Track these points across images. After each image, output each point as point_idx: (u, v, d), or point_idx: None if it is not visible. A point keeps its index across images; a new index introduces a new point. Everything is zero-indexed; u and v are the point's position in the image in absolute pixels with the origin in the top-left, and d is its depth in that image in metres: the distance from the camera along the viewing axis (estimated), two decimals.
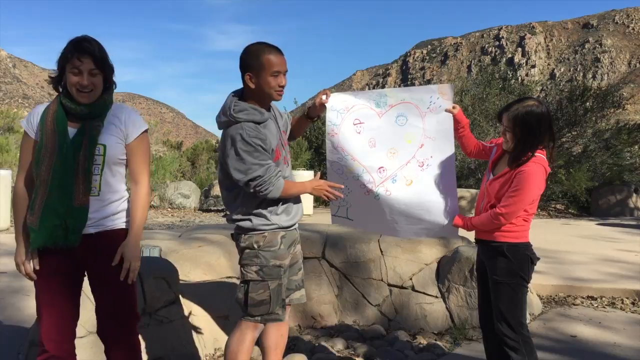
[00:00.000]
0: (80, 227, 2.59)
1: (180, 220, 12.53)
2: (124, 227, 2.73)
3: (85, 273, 2.76)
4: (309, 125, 3.49)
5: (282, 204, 3.04)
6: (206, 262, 4.35)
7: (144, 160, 2.77)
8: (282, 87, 2.94)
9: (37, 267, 2.66)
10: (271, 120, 3.01)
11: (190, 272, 4.20)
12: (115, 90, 2.81)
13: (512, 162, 3.07)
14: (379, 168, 3.31)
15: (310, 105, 3.35)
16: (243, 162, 2.85)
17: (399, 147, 3.37)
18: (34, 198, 2.62)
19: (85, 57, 2.56)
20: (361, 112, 3.37)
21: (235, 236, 3.10)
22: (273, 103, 3.11)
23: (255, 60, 2.88)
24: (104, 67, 2.64)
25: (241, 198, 2.99)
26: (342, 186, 3.16)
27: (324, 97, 3.29)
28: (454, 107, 3.42)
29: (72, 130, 2.62)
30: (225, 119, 2.93)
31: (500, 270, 3.08)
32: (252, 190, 2.90)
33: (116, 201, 2.72)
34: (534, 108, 3.04)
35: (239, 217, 3.01)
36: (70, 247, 2.59)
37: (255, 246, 2.98)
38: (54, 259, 2.63)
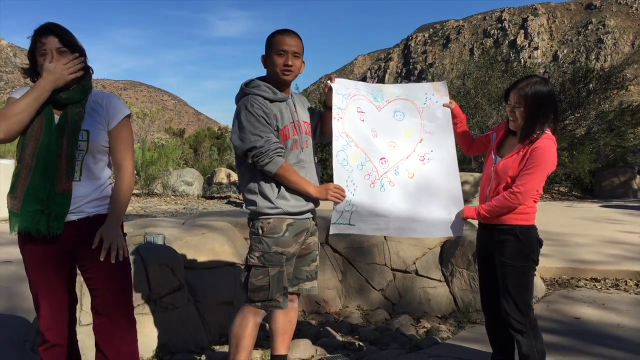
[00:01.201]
0: (62, 214, 2.58)
1: (184, 208, 12.56)
2: (107, 213, 2.71)
3: (77, 263, 2.75)
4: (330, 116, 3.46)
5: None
6: (210, 249, 4.36)
7: (127, 145, 2.76)
8: (288, 66, 2.99)
9: (23, 257, 2.66)
10: (285, 102, 3.06)
11: (195, 259, 4.21)
12: (115, 78, 2.81)
13: (524, 137, 3.06)
14: (381, 159, 3.30)
15: (325, 99, 3.35)
16: (243, 131, 2.90)
17: (398, 141, 3.37)
18: (15, 181, 2.60)
19: (48, 37, 2.58)
20: (362, 102, 3.37)
21: (248, 221, 3.14)
22: (300, 95, 3.22)
23: (267, 42, 3.03)
24: (72, 46, 2.63)
25: (249, 174, 3.03)
26: (345, 193, 3.12)
27: (328, 81, 3.30)
28: (450, 102, 3.45)
29: (56, 117, 2.61)
30: (239, 93, 3.05)
31: (512, 252, 3.07)
32: (250, 161, 2.93)
33: (99, 187, 2.70)
34: (542, 85, 3.07)
35: (247, 196, 3.04)
36: (53, 235, 2.57)
37: (260, 231, 3.01)
38: (41, 249, 2.61)
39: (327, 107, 3.32)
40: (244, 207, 3.18)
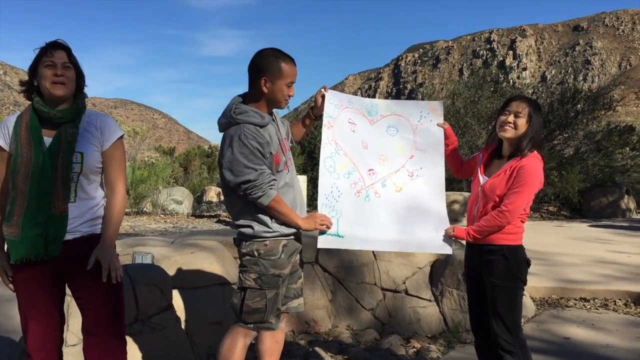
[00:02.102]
0: (60, 236, 2.58)
1: (173, 227, 12.49)
2: (100, 233, 2.71)
3: (67, 281, 2.73)
4: (311, 125, 3.48)
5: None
6: (199, 268, 4.33)
7: (120, 166, 2.77)
8: (290, 97, 3.02)
9: (14, 279, 2.65)
10: (272, 124, 3.01)
11: (183, 278, 4.19)
12: (106, 97, 2.83)
13: (516, 152, 3.10)
14: (369, 170, 3.34)
15: (313, 105, 3.39)
16: (236, 164, 2.85)
17: (389, 155, 3.39)
18: (11, 210, 2.59)
19: (58, 51, 2.62)
20: (354, 114, 3.40)
21: (237, 241, 3.09)
22: (274, 110, 3.15)
23: (274, 66, 2.92)
24: (76, 65, 2.68)
25: (240, 203, 2.98)
26: (331, 222, 3.12)
27: (322, 89, 3.34)
28: (444, 123, 3.49)
29: (47, 140, 2.61)
30: (225, 120, 2.95)
31: (500, 273, 3.07)
32: (241, 193, 2.90)
33: (93, 208, 2.70)
34: (540, 110, 3.21)
35: (241, 222, 3.00)
36: (51, 257, 2.57)
37: (256, 254, 2.96)
38: (34, 270, 2.60)
39: (314, 115, 3.36)
40: (232, 228, 3.16)
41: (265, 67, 2.92)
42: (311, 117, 3.41)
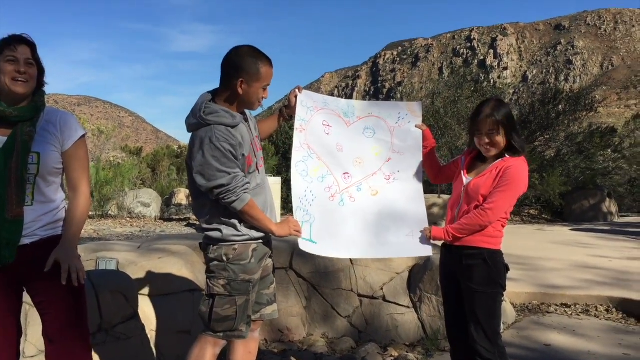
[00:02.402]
0: (14, 242, 2.52)
1: (140, 230, 12.35)
2: (60, 234, 2.66)
3: (25, 286, 2.68)
4: (280, 124, 3.49)
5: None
6: (167, 274, 4.28)
7: (82, 167, 2.73)
8: (264, 99, 3.01)
9: None
10: (243, 124, 2.98)
11: (150, 285, 4.14)
12: (69, 93, 2.77)
13: (503, 155, 3.12)
14: (344, 173, 3.36)
15: (286, 103, 3.39)
16: (208, 168, 2.80)
17: (365, 158, 3.42)
18: None
19: (21, 46, 2.57)
20: (329, 116, 3.42)
21: (203, 246, 3.05)
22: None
23: (252, 67, 2.87)
24: (38, 62, 2.63)
25: (210, 206, 2.95)
26: (301, 233, 3.13)
27: (296, 90, 3.34)
28: (422, 125, 3.52)
29: (2, 139, 2.55)
30: (195, 121, 2.89)
31: (480, 278, 3.09)
32: (214, 198, 2.87)
33: (52, 211, 2.65)
34: (505, 106, 3.16)
35: (208, 226, 2.97)
36: (4, 264, 2.51)
37: (224, 259, 2.93)
38: None
39: (287, 115, 3.38)
40: (198, 232, 3.12)
41: (243, 67, 2.87)
42: (285, 117, 3.42)
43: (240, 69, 2.87)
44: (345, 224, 3.27)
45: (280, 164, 17.65)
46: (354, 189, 3.34)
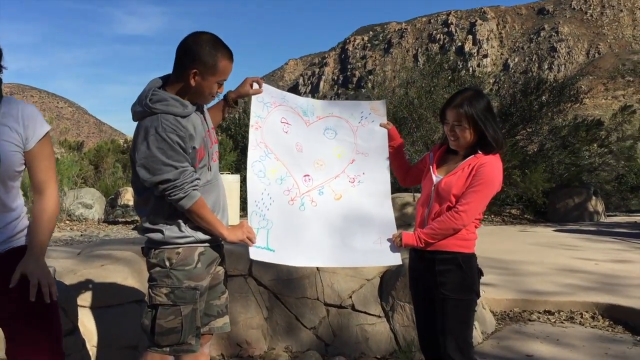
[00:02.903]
0: None
1: (81, 235, 12.18)
2: (25, 244, 2.59)
3: None
4: (225, 115, 3.44)
5: None
6: (111, 283, 4.24)
7: (49, 166, 2.64)
8: (218, 94, 3.00)
9: None
10: (196, 115, 2.95)
11: (92, 296, 4.09)
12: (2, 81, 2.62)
13: (475, 151, 3.16)
14: (305, 176, 3.37)
15: (232, 90, 3.37)
16: (153, 160, 2.75)
17: (327, 160, 3.45)
18: None
19: None
20: (288, 113, 3.43)
21: (145, 250, 3.01)
22: None
23: (208, 60, 2.84)
24: None
25: (153, 202, 2.90)
26: (254, 241, 3.10)
27: (255, 85, 3.32)
28: (387, 124, 3.56)
29: None
30: (140, 109, 2.84)
31: (454, 284, 3.13)
32: (158, 194, 2.83)
33: (12, 222, 2.58)
34: (480, 98, 3.18)
35: (150, 225, 2.92)
36: None
37: (167, 264, 2.89)
38: None
39: (231, 100, 3.33)
40: (139, 233, 3.08)
41: (199, 57, 2.84)
42: (230, 104, 3.36)
43: (196, 58, 2.84)
44: (306, 230, 3.27)
45: (239, 159, 17.56)
46: (316, 193, 3.35)
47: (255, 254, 3.13)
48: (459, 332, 3.13)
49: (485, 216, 16.04)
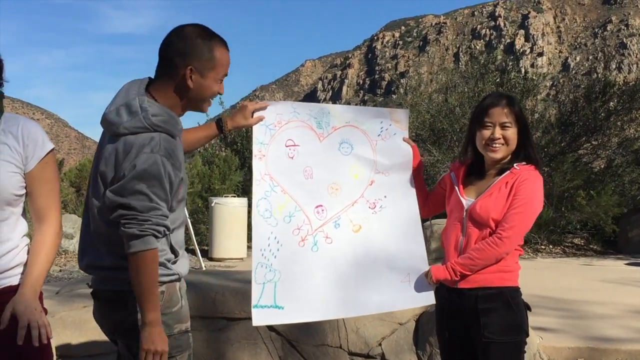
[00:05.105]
0: None
1: (60, 270, 12.26)
2: (19, 283, 2.63)
3: None
4: (209, 139, 3.44)
5: (181, 240, 2.90)
6: (95, 327, 4.26)
7: (51, 191, 2.70)
8: (219, 96, 2.99)
9: None
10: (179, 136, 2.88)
11: (72, 344, 4.11)
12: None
13: (510, 164, 3.19)
14: (317, 207, 3.36)
15: (228, 116, 3.35)
16: (131, 181, 2.59)
17: (342, 183, 3.44)
18: None
19: None
20: (297, 131, 3.42)
21: (114, 295, 2.80)
22: None
23: (203, 51, 2.79)
24: None
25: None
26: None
27: (257, 112, 3.32)
28: (408, 139, 3.57)
29: None
30: (140, 125, 2.67)
31: (500, 325, 3.12)
32: (112, 219, 2.64)
33: (7, 254, 2.62)
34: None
35: (120, 262, 2.70)
36: None
37: None
38: None
39: (226, 127, 3.30)
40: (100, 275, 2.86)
41: (191, 51, 2.78)
42: (224, 130, 3.33)
43: (188, 53, 2.77)
44: (320, 276, 3.27)
45: (247, 180, 17.55)
46: (331, 226, 3.35)
47: (259, 317, 3.13)
48: None
49: (542, 247, 15.90)
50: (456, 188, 3.32)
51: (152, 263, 2.63)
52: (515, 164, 3.18)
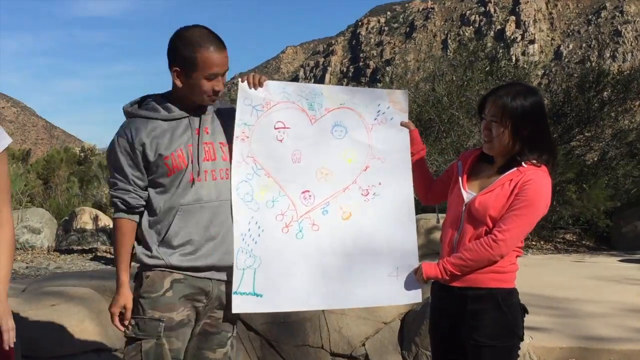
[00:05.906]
0: None
1: (27, 267, 12.20)
2: None
3: None
4: None
5: (183, 231, 3.05)
6: (64, 328, 4.25)
7: (3, 188, 2.70)
8: (218, 92, 3.11)
9: None
10: (188, 121, 3.15)
11: (40, 343, 4.10)
12: None
13: (507, 167, 3.16)
14: (304, 192, 3.35)
15: None
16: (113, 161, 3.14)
17: (333, 167, 3.42)
18: None
19: None
20: (288, 112, 3.40)
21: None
22: (225, 106, 3.38)
23: (188, 54, 3.05)
24: None
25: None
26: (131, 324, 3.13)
27: (240, 80, 3.35)
28: (409, 123, 3.54)
29: None
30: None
31: (491, 328, 3.12)
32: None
33: None
34: (531, 96, 3.16)
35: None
36: None
37: (139, 290, 3.07)
38: None
39: None
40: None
41: (179, 53, 3.08)
42: None
43: (174, 54, 3.11)
44: (302, 264, 3.27)
45: None
46: (318, 212, 3.34)
47: (239, 304, 3.15)
48: None
49: (533, 243, 15.98)
50: (460, 179, 3.31)
51: (116, 230, 3.10)
52: (523, 162, 3.14)
